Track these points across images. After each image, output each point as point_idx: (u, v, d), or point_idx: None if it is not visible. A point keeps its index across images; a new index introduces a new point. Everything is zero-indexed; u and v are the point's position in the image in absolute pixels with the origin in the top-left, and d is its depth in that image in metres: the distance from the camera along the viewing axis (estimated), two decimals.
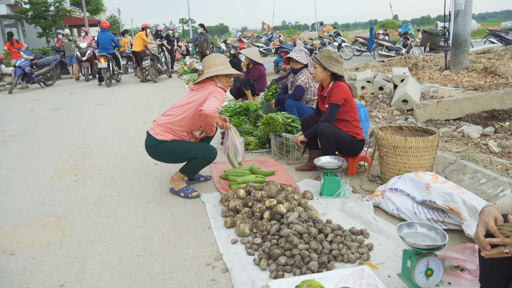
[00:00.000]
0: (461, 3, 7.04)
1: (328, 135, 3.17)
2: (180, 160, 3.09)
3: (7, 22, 24.74)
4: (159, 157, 3.08)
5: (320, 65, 3.30)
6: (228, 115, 5.74)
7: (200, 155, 3.04)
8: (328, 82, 3.37)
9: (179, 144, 3.01)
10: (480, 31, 24.05)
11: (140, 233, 2.56)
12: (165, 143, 2.99)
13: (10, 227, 2.73)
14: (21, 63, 10.73)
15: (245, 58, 7.26)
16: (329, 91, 3.33)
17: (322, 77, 3.35)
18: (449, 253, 1.97)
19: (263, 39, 23.10)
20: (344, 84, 3.31)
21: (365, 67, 9.47)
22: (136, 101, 8.28)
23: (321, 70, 3.31)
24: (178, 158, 3.06)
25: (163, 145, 2.98)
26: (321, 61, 3.28)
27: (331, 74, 3.34)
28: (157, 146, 3.00)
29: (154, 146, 3.01)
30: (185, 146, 3.02)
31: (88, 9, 35.29)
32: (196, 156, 3.03)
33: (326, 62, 3.28)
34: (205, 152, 3.06)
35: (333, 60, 3.28)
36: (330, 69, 3.27)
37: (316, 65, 3.34)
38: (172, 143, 3.00)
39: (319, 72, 3.33)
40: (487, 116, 4.54)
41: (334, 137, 3.19)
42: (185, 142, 3.06)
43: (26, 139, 5.32)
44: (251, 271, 2.06)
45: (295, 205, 2.62)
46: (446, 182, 2.47)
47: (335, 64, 3.28)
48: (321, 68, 3.31)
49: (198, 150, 3.04)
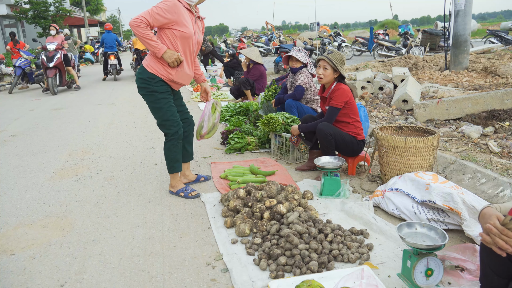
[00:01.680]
0: (461, 3, 7.04)
1: (327, 134, 3.17)
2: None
3: (7, 22, 24.74)
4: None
5: (332, 67, 3.28)
6: (228, 115, 5.74)
7: (158, 122, 3.02)
8: (331, 83, 3.38)
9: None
10: (480, 31, 24.05)
11: (140, 233, 2.56)
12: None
13: (10, 227, 2.73)
14: (21, 63, 10.73)
15: (245, 58, 7.26)
16: (331, 93, 3.33)
17: (330, 78, 3.33)
18: (449, 253, 1.97)
19: (263, 39, 23.11)
20: (346, 87, 3.31)
21: (365, 67, 9.47)
22: (136, 101, 8.28)
23: (331, 71, 3.30)
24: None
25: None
26: (334, 63, 3.26)
27: (337, 76, 3.35)
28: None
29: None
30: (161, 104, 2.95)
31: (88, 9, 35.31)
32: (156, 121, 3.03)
33: (338, 64, 3.27)
34: (165, 121, 2.97)
35: (343, 63, 3.31)
36: (340, 71, 3.28)
37: (327, 66, 3.29)
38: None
39: (329, 74, 3.30)
40: (487, 116, 4.54)
41: (333, 136, 3.19)
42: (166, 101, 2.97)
43: (26, 139, 5.32)
44: (251, 271, 2.06)
45: (295, 205, 2.62)
46: (446, 182, 2.47)
47: (343, 67, 3.31)
48: (332, 70, 3.30)
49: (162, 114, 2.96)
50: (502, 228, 1.35)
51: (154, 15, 2.73)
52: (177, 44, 2.87)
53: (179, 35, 2.83)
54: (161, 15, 2.73)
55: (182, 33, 2.83)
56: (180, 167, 3.15)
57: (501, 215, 1.42)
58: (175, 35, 2.83)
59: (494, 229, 1.37)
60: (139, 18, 2.72)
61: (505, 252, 1.36)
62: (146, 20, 2.72)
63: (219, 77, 10.69)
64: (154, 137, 5.14)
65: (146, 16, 2.72)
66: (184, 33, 2.83)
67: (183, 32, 2.83)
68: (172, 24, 2.79)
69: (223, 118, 5.82)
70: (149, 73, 2.89)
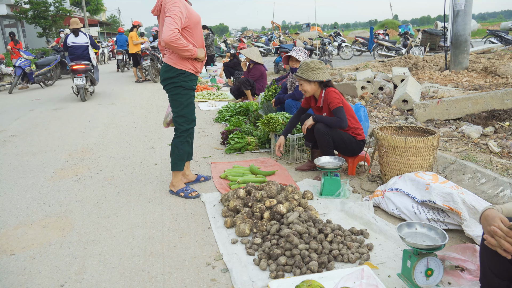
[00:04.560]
0: (461, 3, 7.04)
1: (324, 133, 3.17)
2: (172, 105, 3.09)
3: (7, 22, 24.74)
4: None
5: (304, 80, 3.29)
6: (228, 115, 5.74)
7: (174, 115, 3.06)
8: (320, 91, 3.36)
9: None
10: (480, 31, 24.05)
11: (140, 233, 2.56)
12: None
13: (10, 227, 2.73)
14: (21, 63, 10.73)
15: (245, 58, 7.26)
16: (324, 100, 3.32)
17: (311, 89, 3.33)
18: (449, 253, 1.97)
19: (263, 39, 23.12)
20: (334, 89, 3.31)
21: (365, 67, 9.47)
22: (136, 101, 8.28)
23: (307, 84, 3.30)
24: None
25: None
26: (303, 76, 3.27)
27: (319, 84, 3.33)
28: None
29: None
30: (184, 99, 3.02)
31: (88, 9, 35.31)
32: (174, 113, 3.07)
33: (308, 74, 3.26)
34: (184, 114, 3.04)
35: (314, 70, 3.25)
36: (315, 80, 3.25)
37: (301, 81, 3.32)
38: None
39: (306, 86, 3.32)
40: (487, 116, 4.54)
41: (330, 135, 3.19)
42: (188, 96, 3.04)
43: (26, 139, 5.32)
44: (251, 271, 2.06)
45: (295, 205, 2.62)
46: (446, 182, 2.47)
47: (317, 73, 3.26)
48: (307, 82, 3.29)
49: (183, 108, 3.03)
50: (508, 231, 1.35)
51: (180, 20, 2.75)
52: (194, 36, 2.93)
53: (192, 25, 2.89)
54: (182, 17, 2.77)
55: (194, 22, 2.90)
56: (182, 166, 3.17)
57: (504, 217, 1.41)
58: (189, 29, 2.88)
59: (499, 232, 1.36)
60: (174, 32, 2.71)
61: (510, 255, 1.36)
62: (179, 30, 2.76)
63: (219, 77, 10.69)
64: (154, 137, 5.14)
65: (176, 26, 2.73)
66: (196, 20, 2.92)
67: (195, 20, 2.91)
68: (186, 20, 2.83)
69: (223, 118, 5.82)
70: (178, 69, 2.94)
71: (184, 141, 3.10)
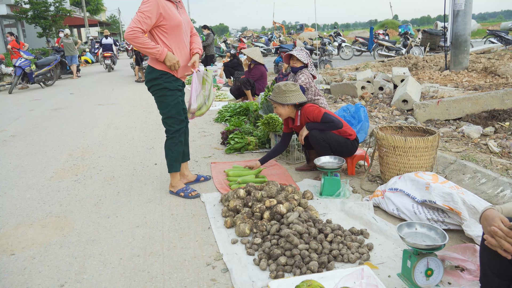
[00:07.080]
0: (461, 3, 7.04)
1: (320, 139, 3.14)
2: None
3: (7, 22, 24.73)
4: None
5: (277, 103, 3.27)
6: (228, 115, 5.74)
7: (163, 118, 3.06)
8: (296, 112, 3.33)
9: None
10: (480, 31, 24.06)
11: (140, 233, 2.56)
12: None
13: (10, 227, 2.73)
14: (21, 63, 10.73)
15: (247, 57, 7.26)
16: (302, 118, 3.28)
17: (285, 112, 3.31)
18: (449, 253, 1.97)
19: (263, 39, 23.13)
20: (308, 103, 3.28)
21: (365, 67, 9.47)
22: (136, 101, 8.28)
23: (281, 107, 3.28)
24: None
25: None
26: (276, 100, 3.25)
27: (293, 106, 3.29)
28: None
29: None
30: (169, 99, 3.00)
31: (88, 9, 35.31)
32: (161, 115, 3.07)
33: (281, 98, 3.23)
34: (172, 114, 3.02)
35: (286, 93, 3.22)
36: (287, 103, 3.22)
37: (275, 105, 3.30)
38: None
39: (280, 109, 3.29)
40: (487, 116, 4.54)
41: (326, 141, 3.17)
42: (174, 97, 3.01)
43: (26, 139, 5.32)
44: (251, 271, 2.06)
45: (295, 205, 2.61)
46: (446, 182, 2.47)
47: (289, 95, 3.22)
48: (280, 105, 3.27)
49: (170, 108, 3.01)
50: (508, 231, 1.35)
51: (144, 20, 2.73)
52: (169, 39, 2.89)
53: (169, 27, 2.85)
54: (149, 17, 2.74)
55: (172, 24, 2.85)
56: (178, 167, 3.16)
57: (504, 217, 1.41)
58: (165, 30, 2.85)
59: (499, 232, 1.36)
60: (133, 30, 2.72)
61: (510, 255, 1.36)
62: (140, 29, 2.73)
63: (219, 77, 10.69)
64: (154, 137, 5.14)
65: (138, 24, 2.72)
66: (174, 23, 2.85)
67: (173, 23, 2.85)
68: (161, 20, 2.80)
69: (223, 118, 5.82)
70: (159, 70, 2.92)
71: (177, 141, 3.09)
